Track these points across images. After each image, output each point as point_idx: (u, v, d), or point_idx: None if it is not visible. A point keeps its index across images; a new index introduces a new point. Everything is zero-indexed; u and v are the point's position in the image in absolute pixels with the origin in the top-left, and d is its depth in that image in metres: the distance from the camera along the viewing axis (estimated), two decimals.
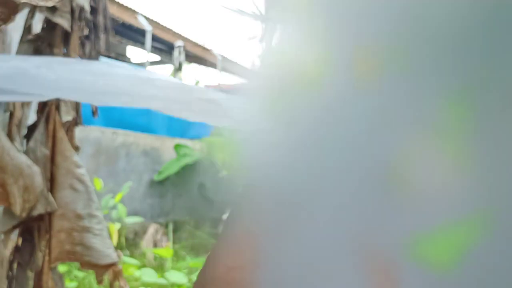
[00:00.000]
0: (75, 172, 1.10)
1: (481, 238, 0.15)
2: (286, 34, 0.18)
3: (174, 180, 4.44)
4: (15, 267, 1.08)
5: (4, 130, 1.02)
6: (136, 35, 6.28)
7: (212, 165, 4.77)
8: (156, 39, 6.28)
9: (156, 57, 7.54)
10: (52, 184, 1.09)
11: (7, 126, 1.03)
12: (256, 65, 0.20)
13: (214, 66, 7.39)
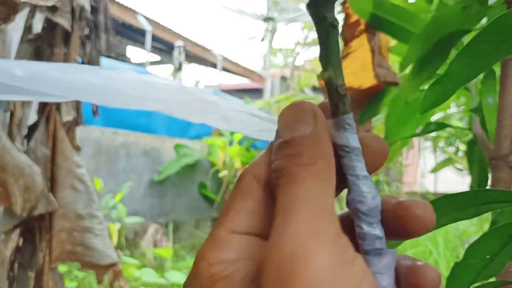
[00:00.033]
0: (75, 172, 1.10)
1: None
2: None
3: (174, 180, 4.43)
4: (16, 268, 1.08)
5: (5, 130, 1.02)
6: (136, 35, 6.28)
7: (212, 165, 4.77)
8: (156, 39, 6.28)
9: (156, 57, 7.54)
10: (53, 184, 1.09)
11: (7, 126, 1.03)
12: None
13: (214, 66, 7.39)
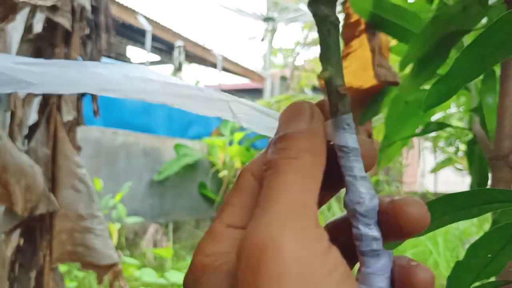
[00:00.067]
0: (76, 173, 1.10)
1: None
2: None
3: (174, 180, 4.43)
4: (16, 268, 1.07)
5: (6, 130, 1.02)
6: (136, 35, 6.27)
7: (212, 165, 4.77)
8: (156, 39, 6.27)
9: (156, 57, 7.53)
10: (54, 184, 1.09)
11: (8, 126, 1.03)
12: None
13: (214, 66, 7.38)
